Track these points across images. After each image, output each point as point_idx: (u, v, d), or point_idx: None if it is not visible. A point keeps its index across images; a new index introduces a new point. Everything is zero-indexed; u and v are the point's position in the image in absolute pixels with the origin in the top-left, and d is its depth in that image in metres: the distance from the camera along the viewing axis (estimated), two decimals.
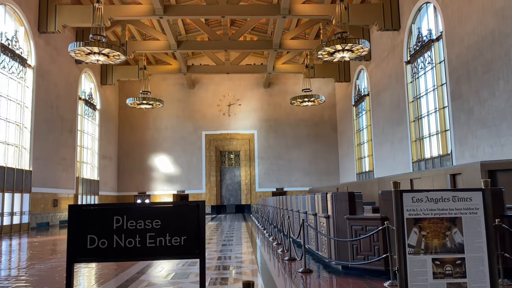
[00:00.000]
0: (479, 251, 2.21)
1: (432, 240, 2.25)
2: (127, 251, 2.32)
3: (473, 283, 2.20)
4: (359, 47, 17.51)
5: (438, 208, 2.28)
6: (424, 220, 2.26)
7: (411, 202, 2.30)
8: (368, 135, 26.08)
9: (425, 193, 2.31)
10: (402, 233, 2.26)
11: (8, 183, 16.64)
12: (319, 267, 6.77)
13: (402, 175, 13.12)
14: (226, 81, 33.39)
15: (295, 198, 10.20)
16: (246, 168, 33.15)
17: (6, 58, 17.20)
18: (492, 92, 13.20)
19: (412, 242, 2.27)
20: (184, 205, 2.35)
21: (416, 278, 2.22)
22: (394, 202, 2.33)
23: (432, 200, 2.29)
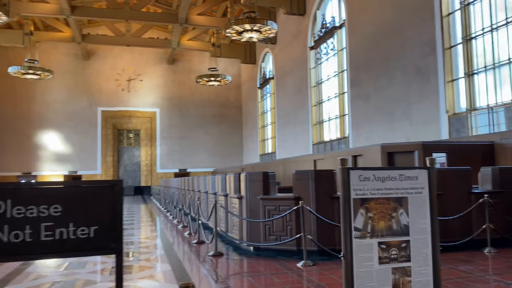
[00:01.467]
0: (423, 233, 2.13)
1: (378, 222, 2.10)
2: (14, 248, 1.73)
3: (417, 267, 2.11)
4: (267, 29, 17.49)
5: (385, 187, 2.13)
6: (371, 201, 2.10)
7: (358, 181, 2.11)
8: (272, 117, 26.63)
9: (372, 171, 2.14)
10: (349, 215, 2.06)
11: None
12: (229, 250, 6.56)
13: (306, 156, 13.55)
14: (126, 54, 31.24)
15: (203, 179, 9.85)
16: (146, 148, 31.70)
17: None
18: (388, 80, 14.18)
19: (359, 224, 2.09)
20: (94, 186, 1.81)
21: (362, 264, 2.05)
22: (342, 181, 2.12)
23: (379, 178, 2.13)
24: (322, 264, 5.22)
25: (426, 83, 12.30)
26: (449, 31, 11.65)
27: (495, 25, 10.24)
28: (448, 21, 11.66)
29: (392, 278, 2.06)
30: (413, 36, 12.85)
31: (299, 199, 5.65)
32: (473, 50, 10.97)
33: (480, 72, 10.74)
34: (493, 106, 10.25)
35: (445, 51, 11.62)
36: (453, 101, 11.59)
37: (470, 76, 10.98)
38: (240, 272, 5.23)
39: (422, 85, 12.49)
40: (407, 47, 13.17)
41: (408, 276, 2.08)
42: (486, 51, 10.52)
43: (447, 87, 11.59)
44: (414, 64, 12.87)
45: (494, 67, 10.26)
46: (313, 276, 4.75)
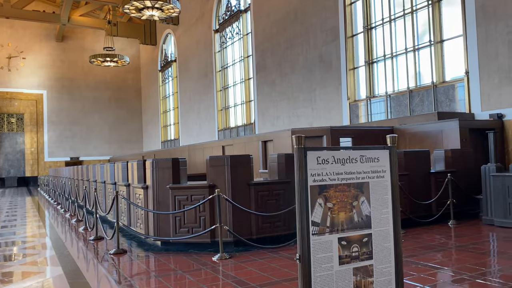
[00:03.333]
0: (385, 224, 1.82)
1: (338, 214, 1.74)
2: None
3: (379, 264, 1.80)
4: (170, 7, 16.48)
5: (346, 171, 1.77)
6: (330, 188, 1.73)
7: (316, 164, 1.72)
8: (175, 102, 25.61)
9: (331, 151, 1.76)
10: (305, 207, 1.66)
11: None
12: (133, 246, 5.86)
13: (214, 142, 13.10)
14: (5, 28, 27.36)
15: (100, 168, 8.85)
16: (32, 134, 28.34)
17: None
18: (292, 66, 14.31)
19: (317, 218, 1.70)
20: None
21: (321, 267, 1.68)
22: (297, 164, 1.70)
23: (339, 161, 1.76)
24: (239, 256, 4.86)
25: (329, 70, 12.63)
26: (352, 20, 12.04)
27: (393, 16, 10.78)
28: (351, 10, 12.03)
29: (354, 280, 1.73)
30: (317, 23, 13.08)
31: (214, 187, 5.19)
32: (373, 39, 11.47)
33: (379, 61, 11.28)
34: (390, 93, 10.85)
35: (347, 39, 12.00)
36: (354, 89, 12.07)
37: (370, 64, 11.48)
38: (147, 272, 4.63)
39: (324, 72, 12.81)
40: (311, 33, 13.38)
41: (370, 277, 1.77)
42: (385, 41, 11.06)
43: (349, 74, 12.01)
44: (317, 51, 13.13)
45: (392, 56, 10.84)
46: (230, 271, 4.36)
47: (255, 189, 5.31)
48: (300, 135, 1.80)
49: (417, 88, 10.12)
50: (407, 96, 10.32)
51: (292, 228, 5.42)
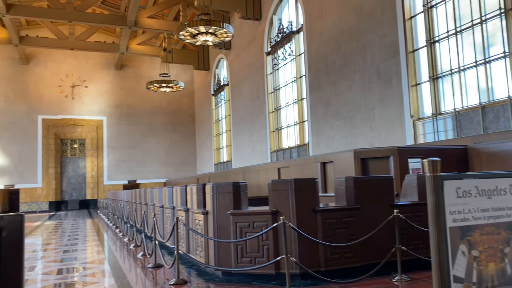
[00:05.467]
0: None
1: (487, 266, 1.33)
2: None
3: None
4: (223, 32, 16.71)
5: (493, 207, 1.37)
6: (475, 230, 1.33)
7: (456, 198, 1.33)
8: (227, 125, 25.77)
9: (473, 180, 1.37)
10: (445, 257, 1.26)
11: None
12: (193, 275, 5.59)
13: (268, 164, 12.80)
14: (69, 59, 29.19)
15: (158, 191, 8.79)
16: (93, 159, 29.64)
17: None
18: (348, 84, 13.82)
19: (459, 271, 1.30)
20: None
21: None
22: (432, 197, 1.33)
23: (484, 193, 1.36)
24: None
25: (389, 87, 12.02)
26: (412, 34, 11.44)
27: (459, 28, 10.09)
28: (411, 24, 11.46)
29: None
30: (375, 40, 12.58)
31: (277, 213, 4.84)
32: (437, 53, 10.79)
33: (445, 76, 10.55)
34: (459, 110, 10.05)
35: (408, 54, 11.39)
36: (417, 106, 11.35)
37: (434, 80, 10.77)
38: None
39: (384, 89, 12.20)
40: (368, 50, 12.88)
41: None
42: (451, 54, 10.34)
43: (411, 91, 11.34)
44: (375, 67, 12.59)
45: (460, 70, 10.09)
46: None
47: (322, 216, 4.89)
48: (434, 159, 1.42)
49: (491, 103, 9.27)
50: (479, 113, 9.49)
51: (364, 260, 4.91)
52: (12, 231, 0.80)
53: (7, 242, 0.79)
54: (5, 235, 0.79)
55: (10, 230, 0.80)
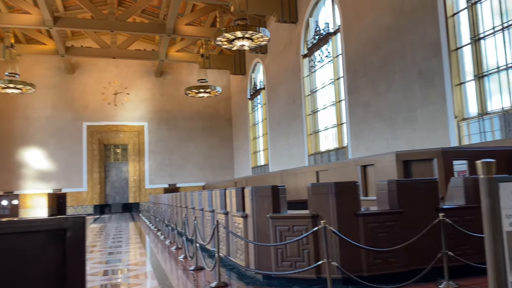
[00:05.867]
0: None
1: None
2: None
3: None
4: (259, 36, 16.79)
5: None
6: None
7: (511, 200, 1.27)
8: (264, 128, 25.85)
9: None
10: (502, 263, 1.20)
11: None
12: (233, 278, 5.63)
13: (306, 168, 12.72)
14: (112, 67, 30.30)
15: (198, 195, 8.93)
16: (134, 163, 30.56)
17: None
18: (388, 85, 13.51)
19: None
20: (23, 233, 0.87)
21: None
22: (487, 200, 1.27)
23: None
24: None
25: (431, 87, 11.64)
26: (455, 31, 11.03)
27: (506, 24, 9.63)
28: (453, 21, 11.05)
29: None
30: (415, 39, 12.23)
31: (317, 217, 4.79)
32: (482, 50, 10.34)
33: (492, 74, 10.09)
34: (508, 109, 9.58)
35: (451, 53, 10.98)
36: (461, 106, 10.92)
37: (480, 78, 10.33)
38: None
39: (426, 90, 11.83)
40: (408, 50, 12.54)
41: None
42: (497, 51, 9.89)
43: (455, 90, 10.92)
44: (416, 67, 12.23)
45: (507, 68, 9.62)
46: None
47: (364, 220, 4.79)
48: (488, 160, 1.36)
49: None
50: None
51: (408, 266, 4.76)
52: (76, 231, 0.85)
53: (72, 241, 0.84)
54: (70, 235, 0.84)
55: (74, 230, 0.85)
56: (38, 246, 0.83)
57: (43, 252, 0.85)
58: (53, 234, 0.84)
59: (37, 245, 0.83)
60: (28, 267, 0.85)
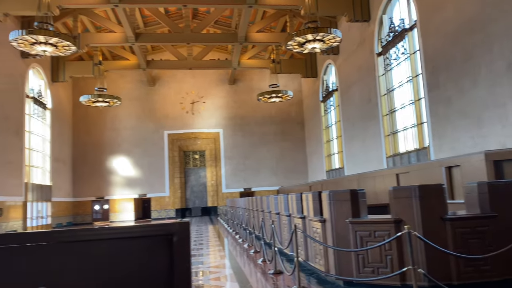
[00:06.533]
0: None
1: None
2: None
3: None
4: (331, 37, 16.60)
5: None
6: None
7: None
8: (338, 131, 25.37)
9: None
10: None
11: None
12: (313, 283, 5.59)
13: (385, 170, 12.25)
14: (189, 78, 31.80)
15: (274, 199, 9.02)
16: (212, 169, 31.68)
17: None
18: (473, 80, 12.57)
19: None
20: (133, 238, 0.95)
21: None
22: None
23: None
24: None
25: None
26: None
27: None
28: None
29: None
30: (501, 29, 11.26)
31: (400, 222, 4.59)
32: None
33: None
34: None
35: None
36: None
37: None
38: None
39: None
40: (495, 42, 11.57)
41: None
42: None
43: None
44: (505, 60, 11.23)
45: None
46: None
47: (452, 225, 4.50)
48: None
49: None
50: None
51: (505, 275, 4.38)
52: (182, 236, 0.92)
53: (178, 245, 0.91)
54: (176, 239, 0.91)
55: (180, 235, 0.92)
56: (148, 250, 0.92)
57: (152, 256, 0.94)
58: (161, 239, 0.92)
59: (147, 249, 0.91)
60: (138, 270, 0.94)
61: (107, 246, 0.92)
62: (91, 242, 0.91)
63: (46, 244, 0.91)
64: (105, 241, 0.93)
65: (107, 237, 0.94)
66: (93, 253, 0.92)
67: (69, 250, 0.91)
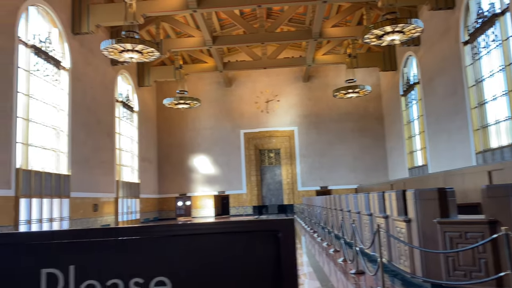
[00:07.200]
0: None
1: None
2: None
3: None
4: (411, 28, 15.80)
5: None
6: None
7: None
8: (420, 126, 24.05)
9: None
10: None
11: (46, 188, 16.23)
12: (396, 284, 5.38)
13: (474, 167, 11.38)
14: (263, 77, 32.21)
15: (353, 198, 8.81)
16: (287, 167, 31.80)
17: (40, 61, 16.81)
18: None
19: None
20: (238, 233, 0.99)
21: None
22: None
23: None
24: None
25: None
26: None
27: None
28: None
29: None
30: None
31: (495, 223, 4.25)
32: None
33: None
34: None
35: None
36: None
37: None
38: None
39: None
40: None
41: None
42: None
43: None
44: None
45: None
46: None
47: None
48: None
49: None
50: None
51: None
52: (287, 232, 0.95)
53: (284, 242, 0.95)
54: (282, 235, 0.95)
55: (285, 231, 0.96)
56: (253, 245, 0.96)
57: (257, 252, 0.98)
58: (266, 235, 0.96)
59: (251, 244, 0.96)
60: (243, 264, 0.98)
61: (211, 240, 0.98)
62: (198, 236, 0.98)
63: (160, 237, 0.99)
64: (210, 235, 0.99)
65: (212, 231, 1.00)
66: (199, 247, 0.99)
67: (176, 243, 0.99)
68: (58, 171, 17.65)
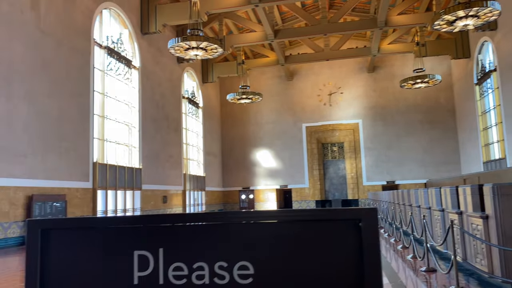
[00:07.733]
0: None
1: None
2: None
3: None
4: (487, 11, 14.72)
5: None
6: None
7: None
8: (498, 117, 22.35)
9: None
10: None
11: (120, 181, 17.32)
12: (471, 283, 5.08)
13: None
14: (325, 69, 31.68)
15: (423, 193, 8.43)
16: (351, 161, 31.09)
17: (112, 61, 17.90)
18: None
19: None
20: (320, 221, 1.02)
21: None
22: None
23: None
24: None
25: None
26: None
27: None
28: None
29: None
30: None
31: None
32: None
33: None
34: None
35: None
36: None
37: None
38: None
39: None
40: None
41: None
42: None
43: None
44: None
45: None
46: None
47: None
48: None
49: None
50: None
51: None
52: (369, 221, 0.95)
53: (366, 231, 0.95)
54: (364, 224, 0.95)
55: (367, 220, 0.96)
56: (335, 233, 0.97)
57: (340, 240, 0.99)
58: (348, 224, 0.97)
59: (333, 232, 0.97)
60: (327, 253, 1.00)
61: (293, 227, 1.01)
62: (281, 224, 1.02)
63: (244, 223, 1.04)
64: (292, 223, 1.01)
65: (295, 219, 1.03)
66: (281, 234, 1.02)
67: (260, 230, 1.03)
68: (130, 165, 18.75)
